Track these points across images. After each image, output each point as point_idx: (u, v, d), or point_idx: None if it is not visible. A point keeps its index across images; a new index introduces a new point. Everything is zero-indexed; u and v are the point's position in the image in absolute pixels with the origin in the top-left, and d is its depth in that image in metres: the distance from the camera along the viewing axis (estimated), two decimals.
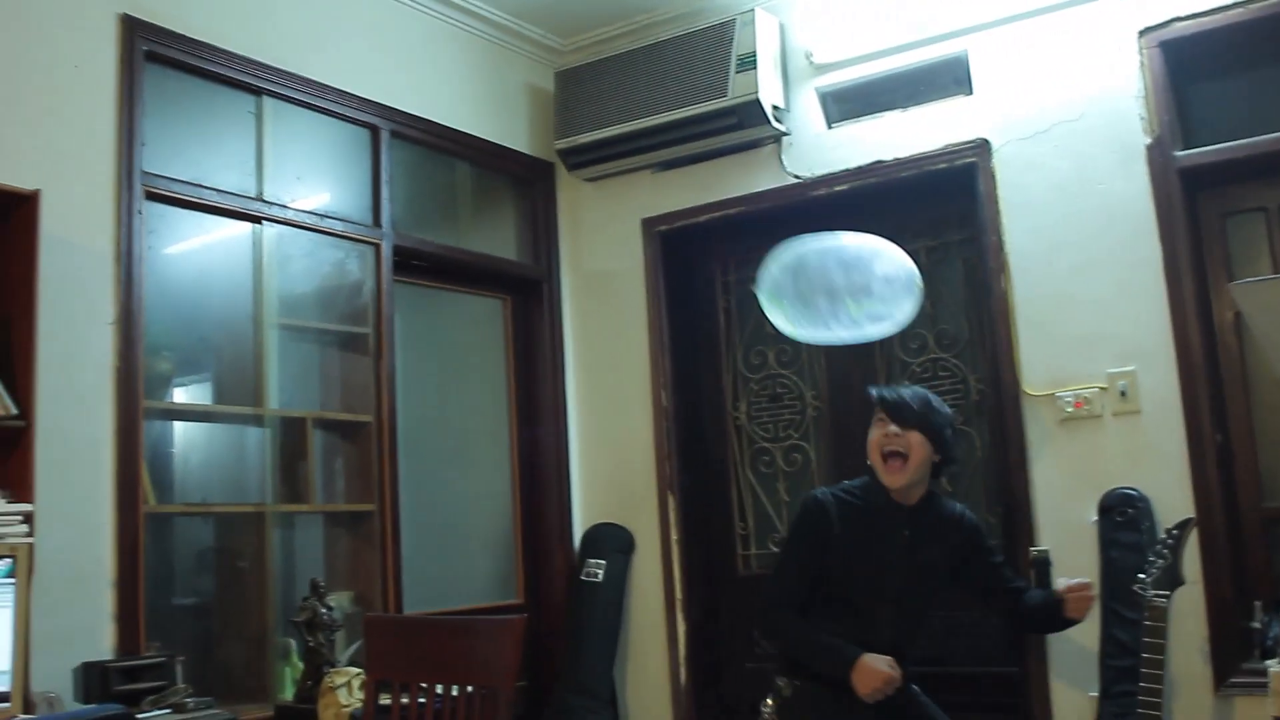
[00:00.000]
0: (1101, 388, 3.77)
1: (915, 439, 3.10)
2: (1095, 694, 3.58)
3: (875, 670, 2.98)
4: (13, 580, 2.65)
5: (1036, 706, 3.81)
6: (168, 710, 2.92)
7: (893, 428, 3.11)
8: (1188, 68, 3.81)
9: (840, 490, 3.25)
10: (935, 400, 3.18)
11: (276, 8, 3.87)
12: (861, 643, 3.04)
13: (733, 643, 4.62)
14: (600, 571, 4.57)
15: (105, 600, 3.12)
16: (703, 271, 4.83)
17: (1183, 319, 3.66)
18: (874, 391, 3.23)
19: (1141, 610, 3.27)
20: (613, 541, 4.66)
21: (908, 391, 3.18)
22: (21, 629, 2.66)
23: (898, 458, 3.11)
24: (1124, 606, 3.54)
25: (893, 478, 3.12)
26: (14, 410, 2.82)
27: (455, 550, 4.55)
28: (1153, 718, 3.17)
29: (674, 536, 4.58)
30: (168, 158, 3.52)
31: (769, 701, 3.19)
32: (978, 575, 3.25)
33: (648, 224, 4.78)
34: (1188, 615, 3.51)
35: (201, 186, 3.60)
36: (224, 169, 3.73)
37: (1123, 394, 3.73)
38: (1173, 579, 3.24)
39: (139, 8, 3.44)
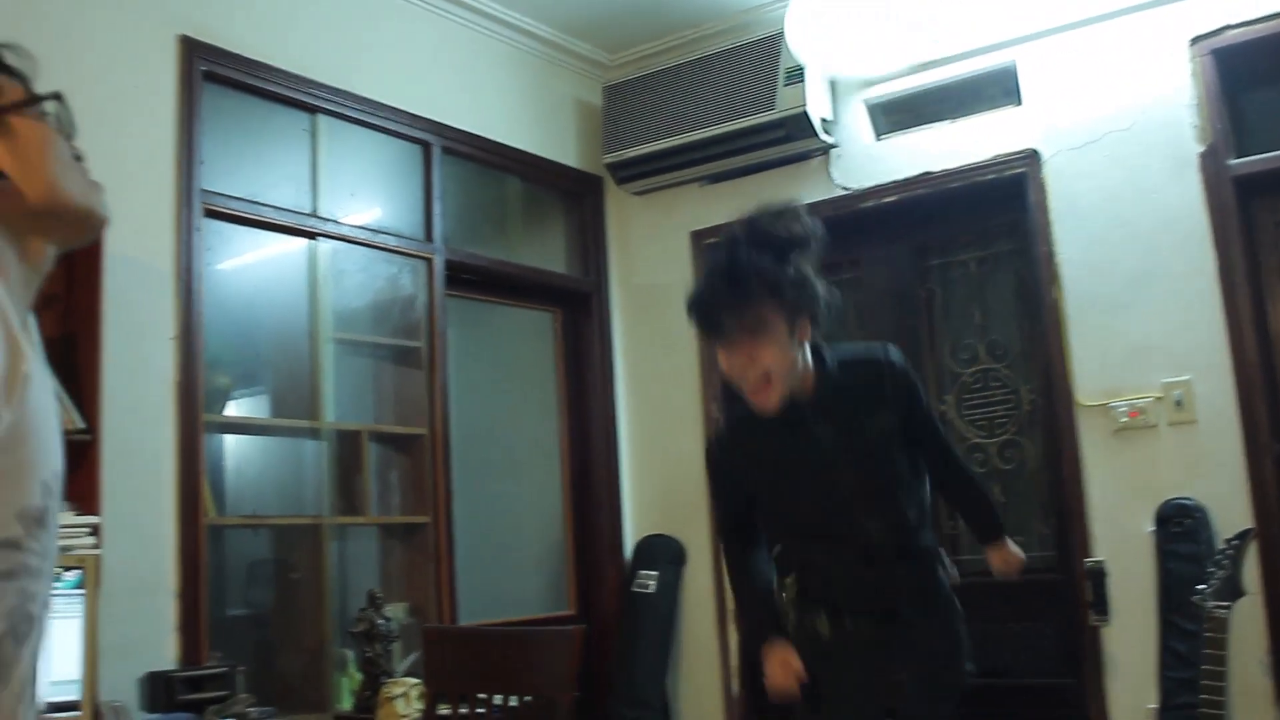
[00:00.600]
0: (1156, 397, 3.75)
1: (766, 351, 2.45)
2: (1154, 706, 3.56)
3: (772, 670, 2.64)
4: (81, 591, 2.69)
5: (1093, 718, 3.78)
6: (231, 719, 2.96)
7: (736, 357, 2.48)
8: (1240, 75, 3.78)
9: (731, 420, 2.87)
10: (756, 266, 2.47)
11: (331, 27, 3.93)
12: (849, 554, 2.63)
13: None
14: (652, 582, 4.59)
15: (169, 611, 3.17)
16: None
17: (1238, 327, 3.63)
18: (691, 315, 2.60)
19: (1200, 622, 3.24)
20: (664, 553, 4.67)
21: (720, 288, 2.50)
22: (89, 639, 2.70)
23: (762, 382, 2.48)
24: (1182, 618, 3.51)
25: (766, 402, 2.51)
26: (81, 424, 2.87)
27: (508, 561, 4.58)
28: None
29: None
30: (225, 175, 3.58)
31: (783, 595, 2.80)
32: (917, 431, 2.68)
33: (696, 236, 4.80)
34: (1248, 627, 3.47)
35: (258, 203, 3.66)
36: (280, 186, 3.79)
37: (1178, 403, 3.71)
38: (1233, 590, 3.21)
39: (198, 29, 3.50)
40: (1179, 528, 3.63)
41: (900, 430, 2.63)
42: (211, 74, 3.54)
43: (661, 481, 4.78)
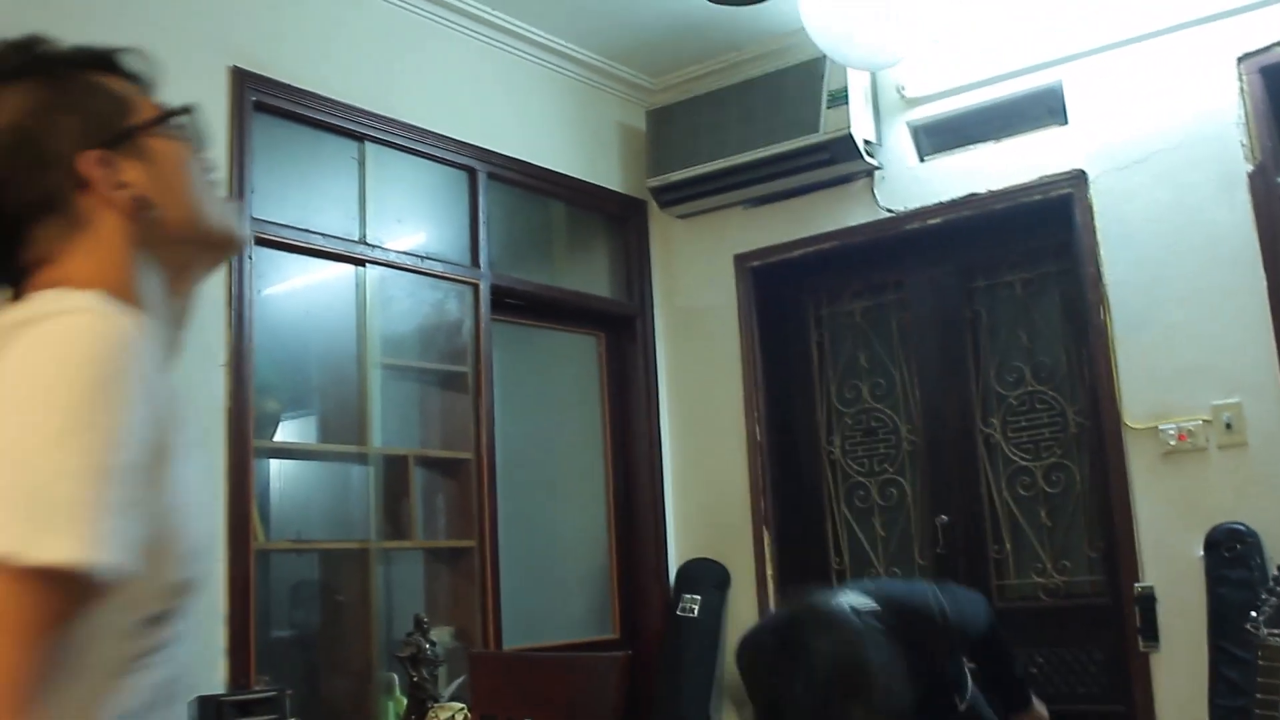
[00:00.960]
0: (1206, 420, 3.71)
1: None
2: None
3: None
4: None
5: None
6: None
7: None
8: None
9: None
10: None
11: (377, 56, 3.98)
12: None
13: None
14: (696, 607, 4.58)
15: (218, 635, 3.21)
16: (795, 306, 4.84)
17: None
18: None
19: (1253, 649, 3.20)
20: (708, 577, 4.67)
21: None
22: None
23: None
24: (1234, 645, 3.46)
25: None
26: None
27: (552, 585, 4.59)
28: None
29: (769, 572, 4.58)
30: (276, 203, 3.63)
31: None
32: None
33: (740, 260, 4.80)
34: None
35: (308, 231, 3.71)
36: (328, 213, 3.84)
37: (1228, 426, 3.67)
38: None
39: (248, 60, 3.56)
40: (1230, 553, 3.58)
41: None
42: (261, 104, 3.60)
43: (705, 505, 4.78)
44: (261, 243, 3.55)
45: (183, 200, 1.21)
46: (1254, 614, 3.20)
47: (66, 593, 0.92)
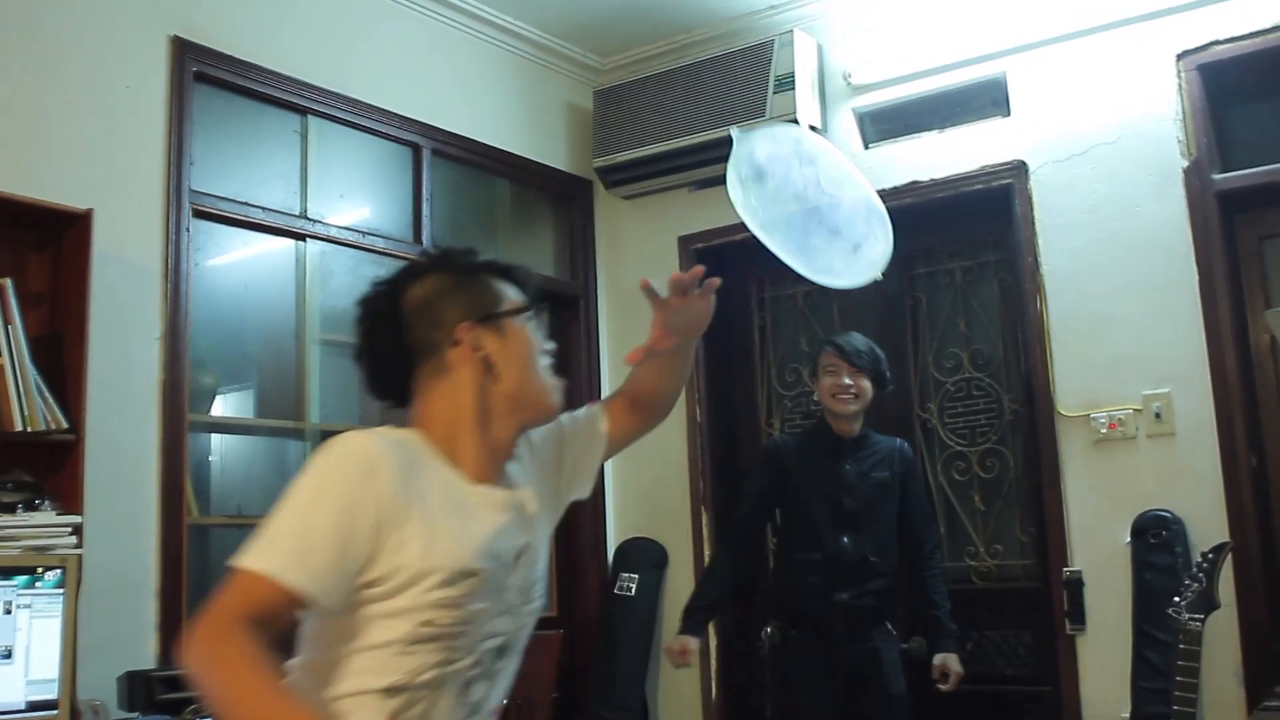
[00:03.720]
0: (1136, 409, 3.78)
1: (864, 384, 3.63)
2: (1126, 715, 3.58)
3: (672, 646, 3.61)
4: (61, 591, 2.71)
5: None
6: (208, 719, 2.97)
7: (846, 379, 3.61)
8: (1226, 91, 3.81)
9: (792, 434, 4.00)
10: (876, 347, 3.69)
11: (321, 29, 3.95)
12: (827, 561, 3.58)
13: (762, 658, 4.63)
14: (633, 586, 4.61)
15: (149, 610, 3.19)
16: (738, 289, 4.86)
17: (1218, 342, 3.66)
18: (830, 343, 3.71)
19: (1174, 633, 3.28)
20: (646, 556, 4.70)
21: (859, 340, 3.68)
22: (69, 638, 2.72)
23: (848, 393, 3.61)
24: (1157, 629, 3.54)
25: (843, 407, 3.62)
26: (65, 424, 2.89)
27: None
28: None
29: (707, 551, 4.61)
30: (215, 176, 3.60)
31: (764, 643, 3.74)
32: (906, 506, 3.70)
33: (685, 241, 4.82)
34: (1221, 639, 3.50)
35: (247, 204, 3.68)
36: (269, 187, 3.81)
37: (1157, 416, 3.74)
38: (1208, 603, 3.24)
39: (189, 30, 3.52)
40: (1156, 539, 3.65)
41: (895, 492, 3.66)
42: (202, 74, 3.56)
43: (644, 485, 4.80)
44: (200, 215, 3.52)
45: (518, 368, 1.76)
46: (1176, 599, 3.28)
47: (249, 584, 1.51)
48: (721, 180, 4.55)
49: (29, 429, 2.80)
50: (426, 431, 1.71)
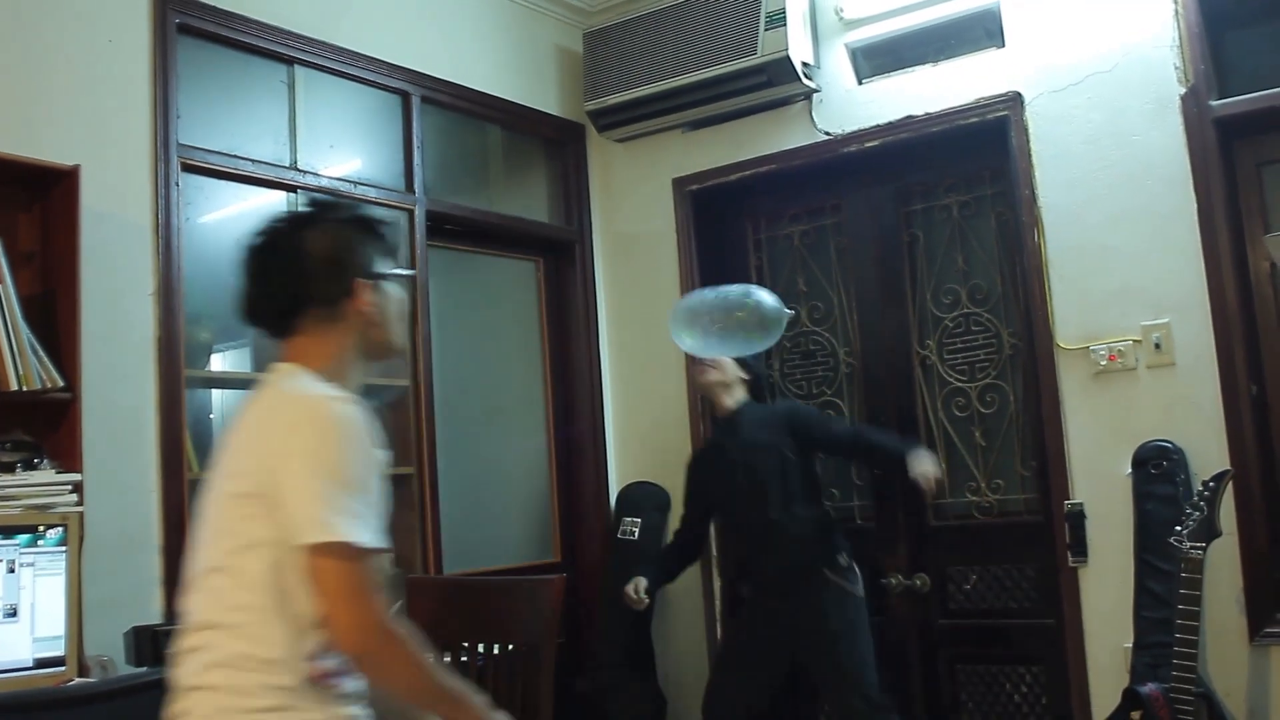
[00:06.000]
0: (1135, 340, 3.77)
1: (722, 360, 3.94)
2: (1129, 645, 3.60)
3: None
4: (64, 548, 2.72)
5: (1070, 657, 3.83)
6: None
7: (706, 360, 3.96)
8: (1223, 15, 3.75)
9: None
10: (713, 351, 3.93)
11: None
12: (741, 533, 4.07)
13: None
14: (636, 529, 4.62)
15: (154, 566, 3.20)
16: (734, 230, 4.84)
17: (1218, 270, 3.63)
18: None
19: (1176, 562, 3.29)
20: (648, 499, 4.70)
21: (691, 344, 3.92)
22: (74, 595, 2.73)
23: (704, 365, 3.96)
24: (1158, 558, 3.55)
25: (702, 378, 3.98)
26: (60, 383, 2.88)
27: (493, 511, 4.60)
28: (1187, 668, 3.20)
29: None
30: (203, 129, 3.56)
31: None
32: (821, 443, 3.98)
33: (679, 183, 4.78)
34: (1222, 567, 3.51)
35: (236, 157, 3.64)
36: (258, 139, 3.77)
37: (1157, 346, 3.73)
38: (1209, 531, 3.26)
39: None
40: (1156, 470, 3.66)
41: (790, 449, 3.87)
42: (186, 26, 3.51)
43: (645, 429, 4.81)
44: (189, 169, 3.48)
45: (391, 325, 2.02)
46: (1178, 528, 3.30)
47: (370, 562, 1.76)
48: (715, 120, 4.59)
49: (25, 388, 2.79)
50: (309, 368, 1.92)
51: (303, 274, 1.93)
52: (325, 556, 1.74)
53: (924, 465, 3.74)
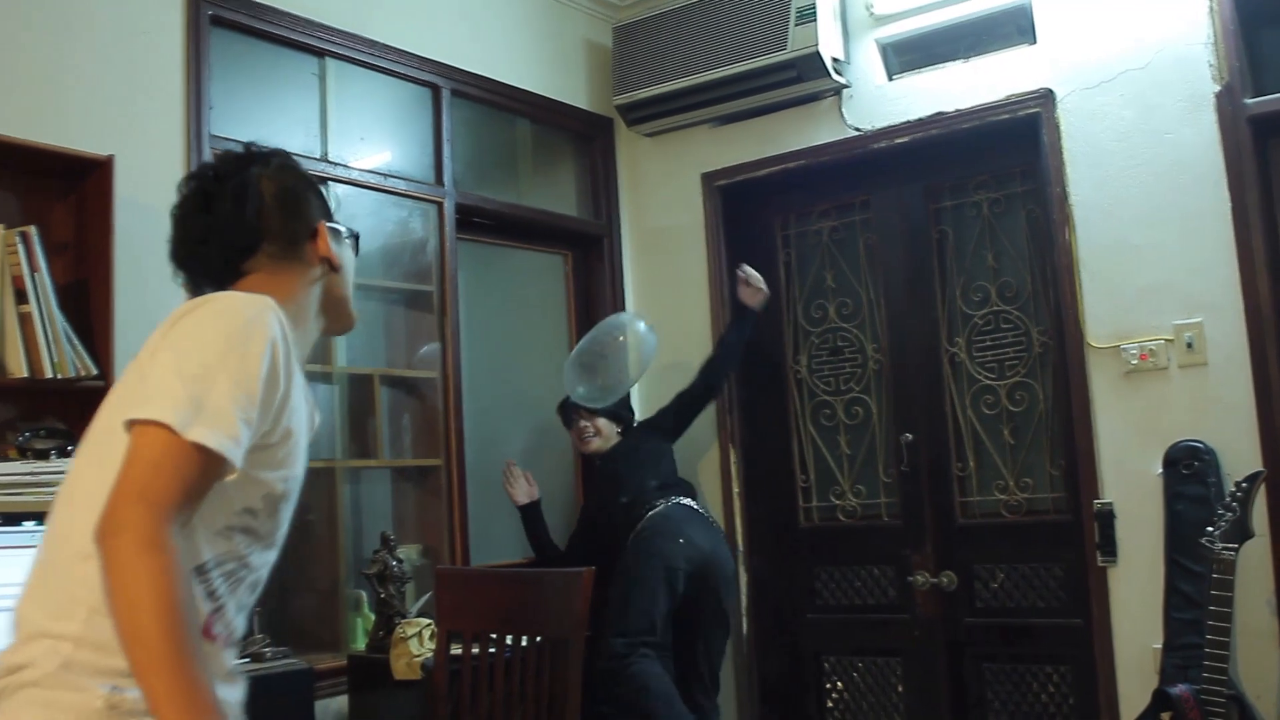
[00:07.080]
0: (1167, 339, 3.74)
1: (599, 422, 4.34)
2: (1158, 646, 3.59)
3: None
4: None
5: (1099, 658, 3.81)
6: (247, 659, 3.01)
7: (583, 422, 4.35)
8: (1258, 12, 3.72)
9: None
10: (611, 393, 4.27)
11: None
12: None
13: (794, 593, 4.66)
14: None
15: None
16: (763, 225, 4.83)
17: (1251, 269, 3.60)
18: (564, 401, 4.40)
19: (1207, 564, 3.27)
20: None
21: (589, 390, 4.22)
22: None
23: (587, 434, 4.35)
24: (1189, 559, 3.53)
25: (587, 448, 4.39)
26: (94, 371, 2.90)
27: None
28: (1218, 670, 3.18)
29: (735, 489, 4.62)
30: (235, 120, 3.57)
31: None
32: (677, 416, 4.40)
33: (707, 178, 4.78)
34: (1255, 569, 3.48)
35: None
36: (289, 130, 3.78)
37: (1189, 346, 3.70)
38: (1241, 532, 3.24)
39: None
40: (1188, 470, 3.63)
41: (660, 440, 4.36)
42: (218, 18, 3.52)
43: None
44: None
45: (348, 278, 1.87)
46: (1209, 529, 3.28)
47: (202, 464, 1.42)
48: (744, 115, 4.58)
49: (59, 375, 2.81)
50: None
51: (261, 207, 1.75)
52: (139, 435, 1.42)
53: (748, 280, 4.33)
